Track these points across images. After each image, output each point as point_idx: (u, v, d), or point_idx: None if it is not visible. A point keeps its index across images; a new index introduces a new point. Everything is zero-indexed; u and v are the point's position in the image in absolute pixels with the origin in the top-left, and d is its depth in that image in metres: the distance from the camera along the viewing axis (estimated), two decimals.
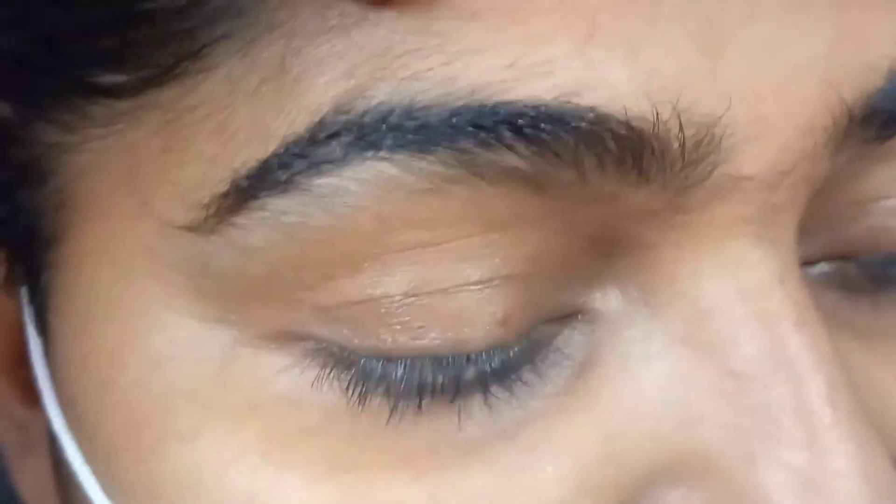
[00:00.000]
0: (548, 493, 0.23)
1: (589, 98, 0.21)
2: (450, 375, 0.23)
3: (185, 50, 0.23)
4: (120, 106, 0.24)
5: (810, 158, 0.23)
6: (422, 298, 0.23)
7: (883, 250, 0.27)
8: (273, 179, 0.22)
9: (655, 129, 0.22)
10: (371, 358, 0.23)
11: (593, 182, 0.22)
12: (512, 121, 0.21)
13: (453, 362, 0.23)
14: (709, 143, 0.22)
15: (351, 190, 0.22)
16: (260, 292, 0.23)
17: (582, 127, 0.21)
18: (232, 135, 0.23)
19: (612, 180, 0.22)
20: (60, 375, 0.27)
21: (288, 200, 0.22)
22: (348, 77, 0.22)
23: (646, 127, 0.22)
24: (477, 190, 0.22)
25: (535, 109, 0.21)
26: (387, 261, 0.23)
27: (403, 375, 0.23)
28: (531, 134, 0.21)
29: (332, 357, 0.24)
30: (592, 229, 0.23)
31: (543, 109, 0.21)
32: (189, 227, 0.23)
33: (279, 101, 0.22)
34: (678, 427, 0.23)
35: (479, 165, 0.22)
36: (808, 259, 0.26)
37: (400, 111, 0.22)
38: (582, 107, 0.21)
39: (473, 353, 0.23)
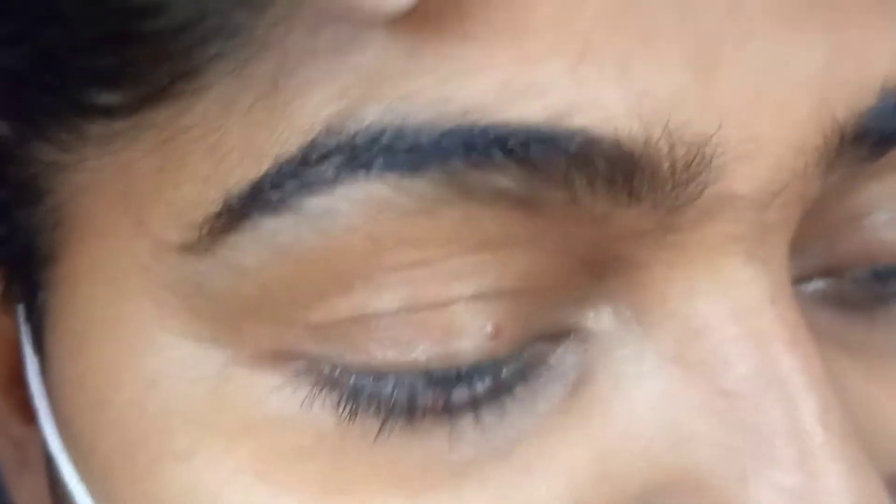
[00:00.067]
0: None
1: (580, 119, 0.21)
2: (441, 391, 0.23)
3: (180, 69, 0.23)
4: (116, 126, 0.24)
5: (802, 178, 0.23)
6: (412, 314, 0.23)
7: (878, 262, 0.27)
8: (265, 200, 0.22)
9: (646, 150, 0.22)
10: (362, 374, 0.23)
11: (584, 202, 0.22)
12: (503, 142, 0.21)
13: (444, 377, 0.23)
14: (699, 163, 0.22)
15: (343, 210, 0.22)
16: (253, 311, 0.24)
17: (572, 148, 0.21)
18: (225, 155, 0.23)
19: (603, 201, 0.22)
20: (56, 394, 0.27)
21: (280, 220, 0.22)
22: (340, 97, 0.22)
23: (636, 148, 0.22)
24: (468, 210, 0.22)
25: (526, 131, 0.21)
26: (378, 279, 0.23)
27: (394, 391, 0.23)
28: (522, 155, 0.21)
29: (324, 375, 0.24)
30: (584, 249, 0.23)
31: (534, 131, 0.21)
32: (183, 247, 0.23)
33: (271, 121, 0.22)
34: (670, 446, 0.23)
35: (471, 186, 0.22)
36: (803, 275, 0.26)
37: (391, 132, 0.22)
38: (573, 128, 0.21)
39: (465, 368, 0.23)
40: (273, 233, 0.23)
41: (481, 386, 0.24)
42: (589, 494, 0.23)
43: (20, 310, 0.28)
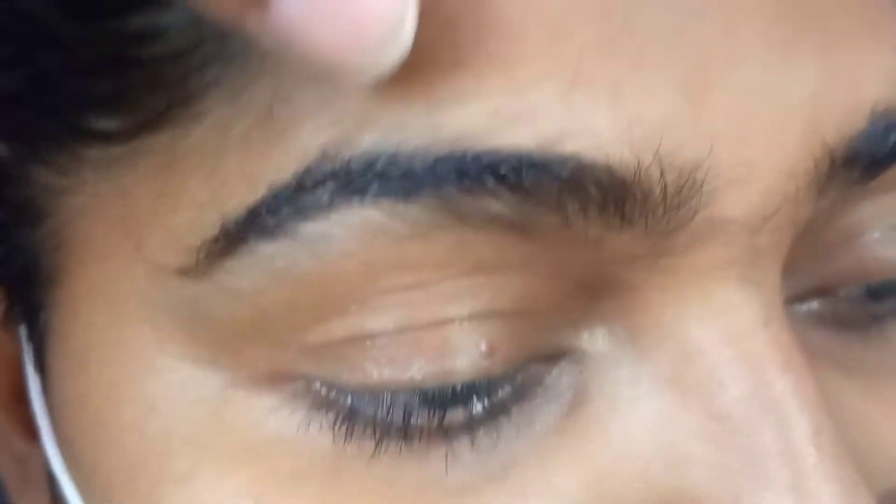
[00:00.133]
0: None
1: (571, 145, 0.22)
2: (437, 411, 0.24)
3: (177, 96, 0.23)
4: (113, 151, 0.24)
5: (793, 202, 0.23)
6: (407, 333, 0.23)
7: (872, 280, 0.27)
8: (262, 225, 0.23)
9: (637, 176, 0.22)
10: (357, 394, 0.24)
11: (577, 227, 0.22)
12: (495, 168, 0.22)
13: (440, 396, 0.24)
14: (690, 188, 0.22)
15: (338, 235, 0.22)
16: (249, 334, 0.24)
17: (564, 174, 0.22)
18: (222, 180, 0.23)
19: (596, 225, 0.22)
20: (58, 413, 0.27)
21: (276, 245, 0.23)
22: (335, 124, 0.22)
23: (628, 174, 0.22)
24: (462, 235, 0.22)
25: (518, 157, 0.22)
26: (373, 302, 0.23)
27: (389, 410, 0.24)
28: (514, 181, 0.22)
29: (320, 396, 0.24)
30: (578, 272, 0.23)
31: (526, 157, 0.22)
32: (181, 272, 0.24)
33: (267, 148, 0.22)
34: (666, 468, 0.23)
35: (464, 211, 0.22)
36: (796, 295, 0.26)
37: (385, 158, 0.22)
38: (564, 154, 0.22)
39: (460, 387, 0.24)
40: (269, 257, 0.23)
41: (477, 407, 0.24)
42: None
43: (22, 329, 0.29)
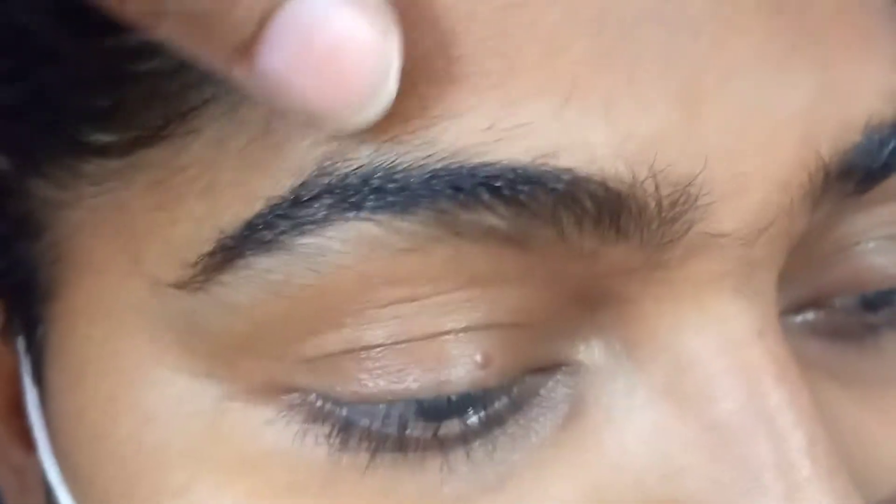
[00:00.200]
0: None
1: (566, 160, 0.22)
2: (432, 422, 0.24)
3: (175, 111, 0.23)
4: (111, 165, 0.24)
5: (788, 214, 0.23)
6: (403, 345, 0.23)
7: (867, 290, 0.27)
8: (258, 239, 0.23)
9: (632, 190, 0.22)
10: (353, 405, 0.24)
11: (572, 240, 0.22)
12: (490, 183, 0.22)
13: (435, 407, 0.24)
14: (685, 202, 0.22)
15: (334, 249, 0.22)
16: (246, 347, 0.24)
17: (559, 188, 0.22)
18: (219, 195, 0.23)
19: (591, 238, 0.22)
20: (56, 426, 0.27)
21: (272, 259, 0.23)
22: (331, 139, 0.22)
23: (622, 188, 0.22)
24: (458, 248, 0.22)
25: (513, 171, 0.22)
26: (369, 315, 0.23)
27: (385, 420, 0.24)
28: (509, 195, 0.22)
29: (315, 407, 0.24)
30: (573, 284, 0.23)
31: (521, 171, 0.22)
32: (178, 285, 0.24)
33: (264, 163, 0.23)
34: (661, 479, 0.24)
35: (460, 225, 0.22)
36: (792, 306, 0.26)
37: (381, 173, 0.22)
38: (559, 168, 0.22)
39: (456, 398, 0.24)
40: (266, 271, 0.23)
41: (473, 418, 0.24)
42: None
43: (20, 341, 0.29)
